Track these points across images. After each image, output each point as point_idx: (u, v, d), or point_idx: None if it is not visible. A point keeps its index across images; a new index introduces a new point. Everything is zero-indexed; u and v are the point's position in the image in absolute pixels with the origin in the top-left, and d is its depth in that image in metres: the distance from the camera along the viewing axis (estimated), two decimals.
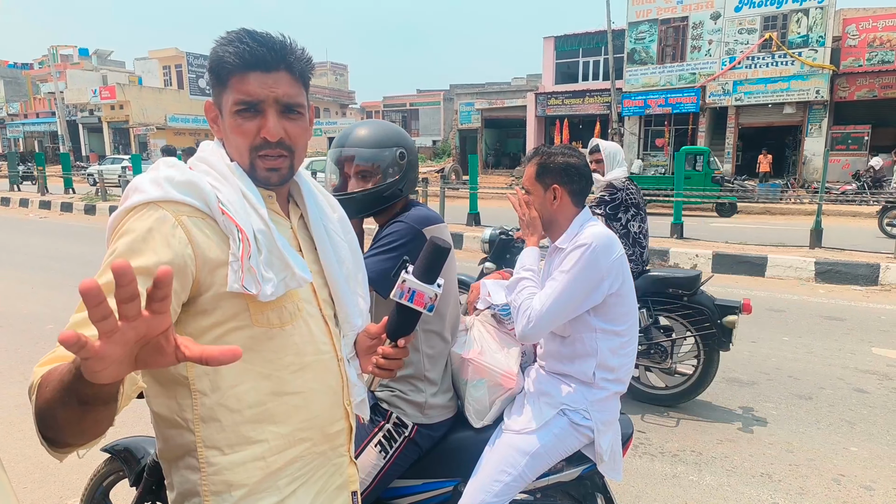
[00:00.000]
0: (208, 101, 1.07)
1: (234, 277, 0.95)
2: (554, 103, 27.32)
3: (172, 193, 0.96)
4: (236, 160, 1.05)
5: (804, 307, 6.21)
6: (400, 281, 1.10)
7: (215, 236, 0.97)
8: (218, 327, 0.97)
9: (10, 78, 50.45)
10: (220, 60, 1.01)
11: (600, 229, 1.83)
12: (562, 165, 1.90)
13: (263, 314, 1.00)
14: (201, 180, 0.99)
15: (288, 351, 1.04)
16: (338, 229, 1.21)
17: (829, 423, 3.59)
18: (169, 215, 0.94)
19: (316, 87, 49.85)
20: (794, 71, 21.09)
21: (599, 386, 1.82)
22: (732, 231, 11.68)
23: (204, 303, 0.97)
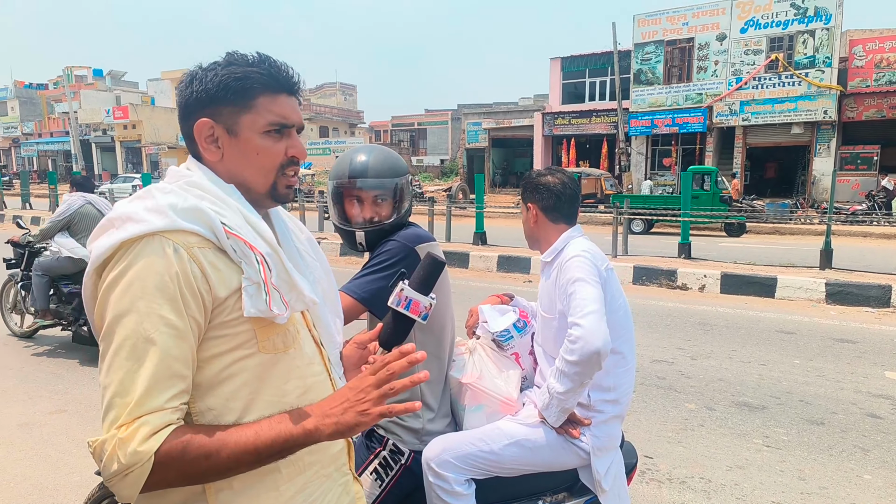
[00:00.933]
0: (203, 121, 1.01)
1: (252, 301, 0.93)
2: (561, 123, 27.45)
3: (179, 222, 0.91)
4: (250, 181, 1.04)
5: (815, 329, 6.11)
6: (398, 289, 1.13)
7: (224, 266, 0.95)
8: (225, 356, 0.95)
9: (26, 98, 51.37)
10: (246, 79, 1.00)
11: (588, 244, 1.87)
12: (534, 185, 2.01)
13: (269, 340, 0.98)
14: (205, 206, 0.95)
15: (292, 375, 1.02)
16: (308, 249, 1.20)
17: (842, 450, 3.49)
18: (181, 249, 0.91)
19: (325, 107, 50.42)
20: (802, 91, 21.10)
21: (596, 408, 1.78)
22: (741, 251, 11.59)
23: (210, 331, 0.94)
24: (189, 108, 1.02)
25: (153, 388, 0.87)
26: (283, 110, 1.02)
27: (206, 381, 0.94)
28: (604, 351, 1.61)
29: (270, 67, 1.02)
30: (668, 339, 5.69)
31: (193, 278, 0.90)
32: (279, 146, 1.03)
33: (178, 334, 0.89)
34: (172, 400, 0.88)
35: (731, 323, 6.34)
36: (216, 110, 1.01)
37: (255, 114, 1.01)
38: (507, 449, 1.72)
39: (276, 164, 1.03)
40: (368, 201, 1.74)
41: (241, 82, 1.00)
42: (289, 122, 1.03)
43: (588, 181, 20.79)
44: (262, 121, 1.01)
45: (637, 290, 8.11)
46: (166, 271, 0.89)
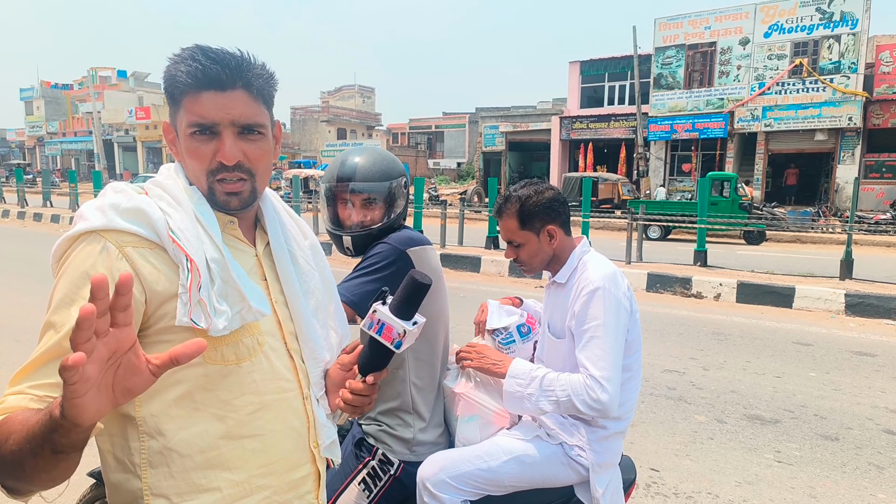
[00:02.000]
0: (165, 123, 1.02)
1: (183, 310, 0.89)
2: (579, 127, 27.27)
3: (117, 221, 0.91)
4: (195, 184, 1.00)
5: (833, 341, 5.96)
6: (371, 311, 1.03)
7: (164, 267, 0.92)
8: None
9: (51, 98, 52.44)
10: (172, 80, 0.96)
11: (604, 269, 1.72)
12: (545, 203, 1.79)
13: (217, 350, 0.94)
14: (150, 206, 0.93)
15: (245, 389, 0.96)
16: (308, 257, 1.14)
17: (856, 467, 3.38)
18: (112, 246, 0.90)
19: (343, 109, 50.74)
20: (826, 97, 20.72)
21: (599, 424, 1.72)
22: (760, 259, 11.39)
23: (150, 337, 0.91)
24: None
25: (29, 372, 0.85)
26: (202, 109, 0.94)
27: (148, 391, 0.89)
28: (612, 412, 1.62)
29: (193, 62, 0.93)
30: (680, 349, 5.58)
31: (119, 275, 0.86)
32: (206, 149, 0.96)
33: None
34: (38, 388, 0.84)
35: (746, 333, 6.21)
36: (171, 111, 1.00)
37: (183, 114, 0.97)
38: (506, 466, 1.67)
39: (203, 168, 0.97)
40: (358, 205, 1.71)
41: (170, 83, 0.96)
42: (207, 122, 0.94)
43: (605, 186, 20.61)
44: (185, 121, 0.96)
45: (650, 298, 8.00)
46: (91, 267, 0.88)
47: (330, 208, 1.77)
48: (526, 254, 1.82)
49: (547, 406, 1.63)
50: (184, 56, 0.95)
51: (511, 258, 1.87)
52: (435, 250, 1.79)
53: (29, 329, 5.90)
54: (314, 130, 47.99)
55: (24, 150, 57.57)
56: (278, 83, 1.04)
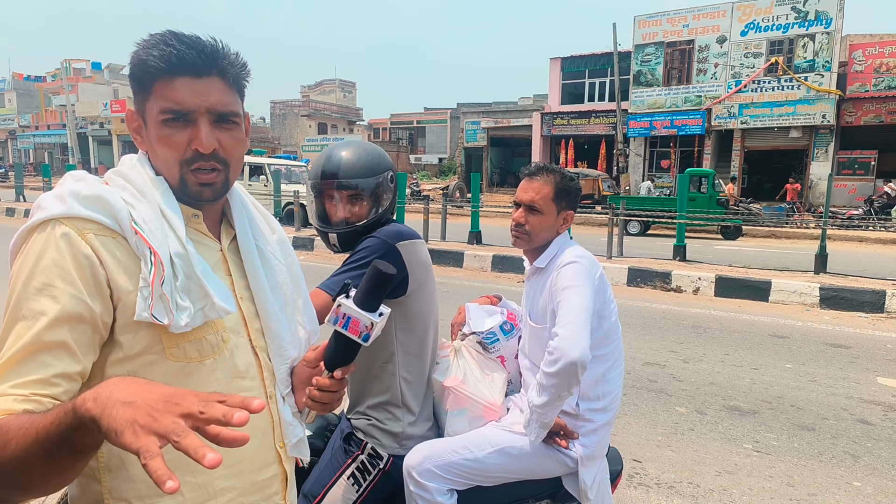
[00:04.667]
0: (130, 110, 0.99)
1: (143, 305, 0.86)
2: (560, 123, 27.42)
3: (77, 209, 0.87)
4: (164, 174, 0.96)
5: (808, 334, 6.09)
6: (335, 305, 1.00)
7: (126, 258, 0.88)
8: (128, 362, 0.89)
9: (24, 90, 51.13)
10: (142, 64, 0.92)
11: (582, 250, 1.81)
12: (577, 191, 1.88)
13: (179, 347, 0.91)
14: (112, 195, 0.90)
15: (208, 388, 0.92)
16: (276, 251, 1.11)
17: (832, 456, 3.47)
18: (72, 232, 0.86)
19: (324, 104, 50.31)
20: (801, 95, 21.11)
21: (585, 418, 1.74)
22: (736, 254, 11.57)
23: (112, 335, 0.88)
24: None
25: (6, 371, 0.81)
26: (177, 95, 0.91)
27: None
28: (581, 363, 1.56)
29: (167, 46, 0.90)
30: (660, 342, 5.66)
31: (86, 261, 0.85)
32: (179, 137, 0.93)
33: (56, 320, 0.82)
34: (22, 386, 0.79)
35: (725, 326, 6.32)
36: (136, 99, 0.97)
37: (154, 100, 0.93)
38: (492, 457, 1.68)
39: (176, 157, 0.93)
40: (344, 200, 1.70)
41: (139, 67, 0.92)
42: (184, 108, 0.91)
43: (586, 182, 20.75)
44: (157, 107, 0.92)
45: (631, 292, 8.09)
46: (55, 253, 0.85)
47: (316, 204, 1.76)
48: (538, 223, 1.84)
49: (538, 399, 1.63)
50: (155, 40, 0.92)
51: (519, 221, 1.86)
52: (424, 244, 1.78)
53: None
54: (294, 125, 47.55)
55: None
56: (251, 74, 1.01)
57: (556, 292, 1.73)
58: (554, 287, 1.74)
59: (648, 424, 3.86)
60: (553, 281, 1.76)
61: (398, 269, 1.65)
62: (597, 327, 1.74)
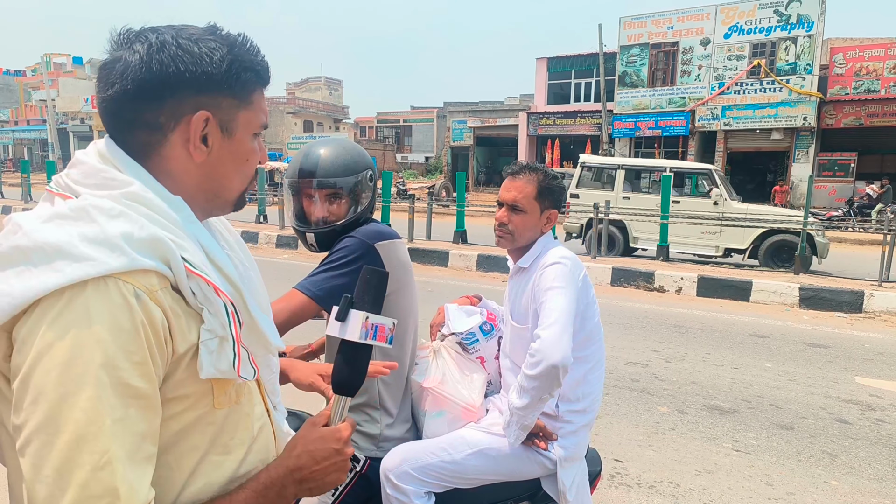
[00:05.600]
0: (203, 114, 0.79)
1: (211, 359, 0.75)
2: (546, 123, 27.50)
3: (139, 261, 0.70)
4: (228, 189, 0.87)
5: (788, 333, 6.16)
6: (363, 319, 0.92)
7: (182, 311, 0.75)
8: (176, 419, 0.77)
9: (2, 85, 50.26)
10: (250, 70, 0.83)
11: (566, 251, 1.80)
12: (561, 190, 1.87)
13: (227, 394, 0.82)
14: (164, 236, 0.74)
15: (240, 426, 0.86)
16: (240, 255, 1.01)
17: (810, 455, 3.51)
18: (144, 294, 0.70)
19: (310, 102, 50.02)
20: (782, 98, 21.37)
21: (564, 419, 1.74)
22: None
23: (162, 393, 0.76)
24: (168, 88, 0.77)
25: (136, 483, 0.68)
26: (266, 109, 0.88)
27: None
28: (563, 366, 1.55)
29: (261, 55, 0.85)
30: (643, 342, 5.69)
31: (161, 329, 0.72)
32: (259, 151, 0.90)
33: (147, 405, 0.71)
34: (151, 490, 0.71)
35: (706, 326, 6.38)
36: (215, 100, 0.80)
37: (253, 111, 0.85)
38: (470, 458, 1.67)
39: (254, 170, 0.90)
40: (322, 199, 1.67)
41: (247, 73, 0.83)
42: (266, 124, 0.90)
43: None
44: (257, 121, 0.86)
45: (615, 292, 8.13)
46: (131, 326, 0.68)
47: (294, 203, 1.73)
48: (521, 223, 1.82)
49: (518, 401, 1.62)
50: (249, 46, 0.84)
51: (502, 221, 1.84)
52: (404, 244, 1.76)
53: None
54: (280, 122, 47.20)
55: None
56: None
57: (539, 293, 1.72)
58: (537, 288, 1.73)
59: (630, 424, 3.87)
60: (536, 281, 1.75)
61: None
62: (579, 329, 1.74)
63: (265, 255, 10.47)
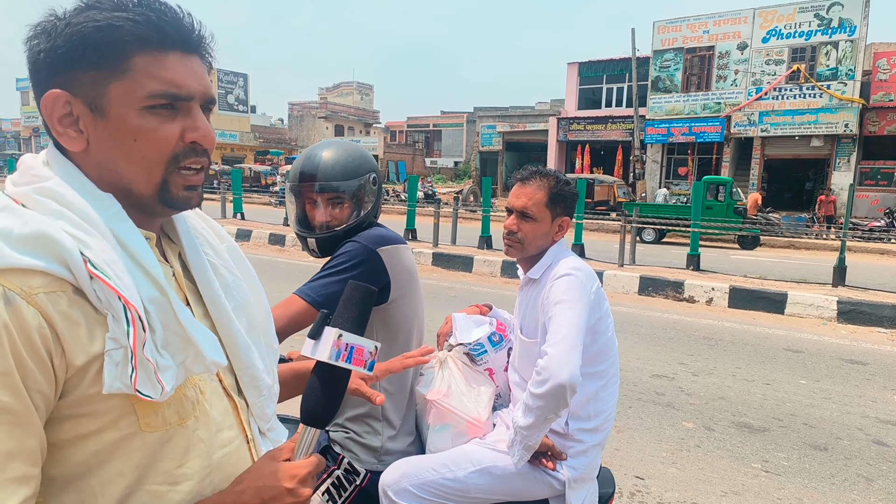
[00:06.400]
0: (57, 93, 0.71)
1: (114, 373, 0.66)
2: (576, 128, 27.23)
3: (14, 258, 0.63)
4: (129, 180, 0.74)
5: (824, 348, 5.90)
6: (335, 337, 0.82)
7: (83, 317, 0.67)
8: (90, 440, 0.69)
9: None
10: (112, 30, 0.69)
11: (578, 261, 1.71)
12: (573, 196, 1.79)
13: (158, 415, 0.72)
14: (57, 231, 0.66)
15: (192, 453, 0.76)
16: (230, 265, 0.91)
17: (845, 479, 3.32)
18: (16, 297, 0.63)
19: (342, 106, 50.59)
20: (823, 103, 20.74)
21: (575, 438, 1.65)
22: (753, 264, 11.34)
23: (66, 408, 0.67)
24: (38, 75, 0.72)
25: None
26: (173, 75, 0.72)
27: (66, 473, 0.69)
28: (570, 385, 1.46)
29: (150, 12, 0.71)
30: (670, 353, 5.52)
31: (39, 337, 0.64)
32: (170, 128, 0.73)
33: (13, 420, 0.62)
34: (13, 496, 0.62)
35: (737, 339, 6.16)
36: (72, 77, 0.71)
37: (131, 81, 0.71)
38: (473, 476, 1.59)
39: (165, 153, 0.74)
40: (324, 204, 1.62)
41: (107, 33, 0.69)
42: (183, 93, 0.73)
43: (601, 188, 20.57)
44: (141, 91, 0.71)
45: (642, 301, 7.94)
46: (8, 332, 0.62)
47: (296, 207, 1.68)
48: (531, 231, 1.75)
49: (523, 420, 1.54)
50: (124, 3, 0.71)
51: (511, 229, 1.77)
52: (409, 249, 1.70)
53: None
54: (311, 126, 47.84)
55: (19, 140, 57.15)
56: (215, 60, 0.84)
57: (548, 306, 1.64)
58: (546, 300, 1.65)
59: (653, 440, 3.73)
60: (546, 294, 1.67)
61: (380, 275, 1.57)
62: (591, 343, 1.65)
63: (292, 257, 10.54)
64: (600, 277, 8.52)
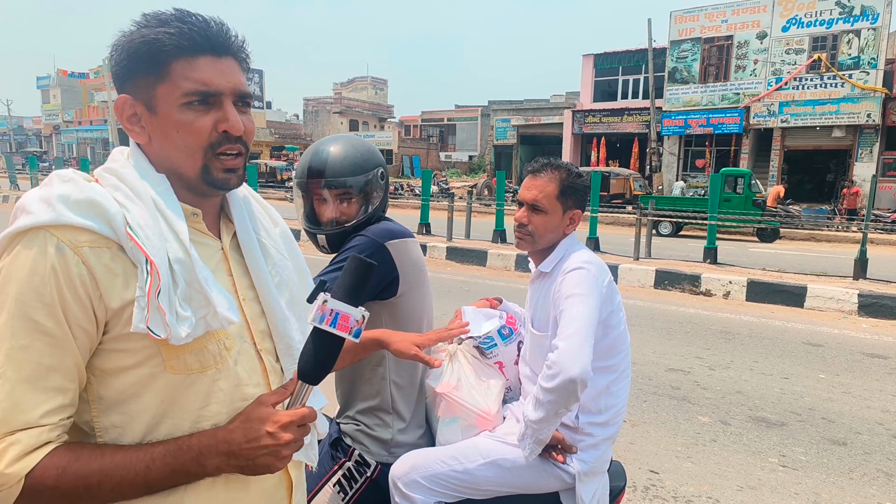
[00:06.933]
0: (123, 97, 0.89)
1: (140, 316, 0.80)
2: (591, 121, 27.01)
3: (68, 216, 0.79)
4: (178, 165, 0.90)
5: (844, 342, 5.81)
6: (320, 302, 0.89)
7: (122, 269, 0.82)
8: (127, 373, 0.84)
9: (67, 86, 52.83)
10: (154, 43, 0.85)
11: (590, 255, 1.69)
12: (585, 188, 1.77)
13: (179, 359, 0.85)
14: (105, 198, 0.83)
15: (212, 399, 0.88)
16: (280, 246, 1.05)
17: (864, 474, 3.27)
18: (66, 247, 0.79)
19: (355, 101, 50.65)
20: (845, 93, 20.33)
21: (585, 431, 1.64)
22: (772, 257, 11.19)
23: (105, 345, 0.83)
24: (115, 85, 0.90)
25: (23, 400, 0.77)
26: (203, 75, 0.86)
27: (112, 396, 0.85)
28: (581, 380, 1.45)
29: (183, 24, 0.85)
30: (686, 347, 5.47)
31: (79, 282, 0.79)
32: (204, 120, 0.87)
33: (54, 342, 0.78)
34: (49, 415, 0.78)
35: (755, 332, 6.08)
36: (133, 84, 0.88)
37: (171, 83, 0.86)
38: (483, 469, 1.59)
39: (201, 142, 0.88)
40: (332, 199, 1.62)
41: (151, 46, 0.85)
42: (212, 90, 0.87)
43: (617, 181, 20.39)
44: (178, 91, 0.86)
45: (658, 295, 7.87)
46: (45, 272, 0.78)
47: (304, 203, 1.69)
48: (542, 223, 1.72)
49: (534, 413, 1.53)
50: (165, 18, 0.86)
51: (521, 221, 1.75)
52: (417, 242, 1.70)
53: None
54: (326, 122, 48.02)
55: (40, 138, 58.16)
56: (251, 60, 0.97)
57: (559, 300, 1.62)
58: (557, 294, 1.64)
59: (668, 434, 3.71)
60: (557, 287, 1.65)
61: (388, 269, 1.58)
62: (602, 337, 1.64)
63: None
64: (615, 271, 8.47)
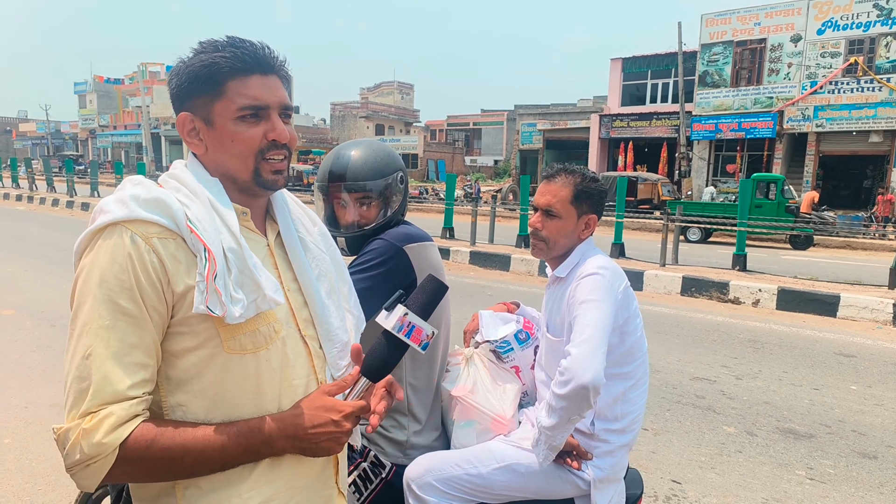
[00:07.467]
0: (184, 115, 1.02)
1: (200, 298, 0.91)
2: (619, 126, 26.74)
3: (139, 212, 0.93)
4: (232, 170, 1.02)
5: (878, 353, 5.64)
6: (399, 314, 1.00)
7: (184, 257, 0.94)
8: (191, 353, 0.95)
9: (103, 92, 54.41)
10: (213, 66, 0.99)
11: (606, 260, 1.68)
12: (601, 193, 1.76)
13: (235, 339, 0.96)
14: (169, 197, 0.96)
15: (263, 378, 0.99)
16: (318, 242, 1.17)
17: (895, 489, 3.17)
18: (139, 238, 0.92)
19: (382, 106, 51.02)
20: (882, 97, 19.77)
21: (601, 438, 1.63)
22: (804, 265, 10.92)
23: (175, 325, 0.95)
24: (174, 105, 1.04)
25: (112, 374, 0.88)
26: (254, 92, 0.99)
27: (178, 376, 0.96)
28: (593, 387, 1.44)
29: (236, 49, 0.99)
30: (712, 356, 5.37)
31: (151, 267, 0.91)
32: (255, 130, 1.00)
33: (135, 322, 0.90)
34: (135, 388, 0.89)
35: (785, 342, 5.94)
36: (193, 103, 1.01)
37: (227, 100, 0.99)
38: (497, 473, 1.59)
39: (253, 149, 1.01)
40: (352, 203, 1.65)
41: (209, 69, 0.99)
42: (262, 104, 1.00)
43: (644, 186, 20.15)
44: (233, 106, 0.99)
45: (684, 302, 7.75)
46: (123, 259, 0.90)
47: (324, 207, 1.71)
48: (556, 229, 1.72)
49: (547, 419, 1.52)
50: (221, 44, 1.00)
51: (536, 227, 1.75)
52: (435, 246, 1.71)
53: (65, 315, 6.08)
54: (353, 126, 48.46)
55: (77, 141, 59.94)
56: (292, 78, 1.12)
57: (573, 305, 1.61)
58: (572, 300, 1.63)
59: (692, 443, 3.64)
60: (572, 293, 1.65)
61: (406, 272, 1.59)
62: (618, 343, 1.62)
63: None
64: (641, 277, 8.36)
